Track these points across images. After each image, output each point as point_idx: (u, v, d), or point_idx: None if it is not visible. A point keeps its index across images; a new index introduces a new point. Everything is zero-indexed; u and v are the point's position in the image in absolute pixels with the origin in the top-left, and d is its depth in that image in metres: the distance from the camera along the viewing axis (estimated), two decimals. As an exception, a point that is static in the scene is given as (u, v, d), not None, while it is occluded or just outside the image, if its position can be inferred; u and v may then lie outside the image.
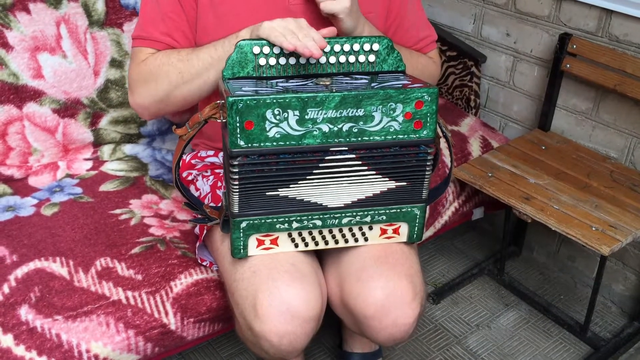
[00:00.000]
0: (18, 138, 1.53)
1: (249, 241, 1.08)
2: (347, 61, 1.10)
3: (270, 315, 1.04)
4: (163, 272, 1.28)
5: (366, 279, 1.11)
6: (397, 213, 1.11)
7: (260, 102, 0.95)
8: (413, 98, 1.00)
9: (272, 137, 0.98)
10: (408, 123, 1.01)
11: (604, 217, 1.48)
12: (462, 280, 1.89)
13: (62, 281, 1.23)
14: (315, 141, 0.99)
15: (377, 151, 1.03)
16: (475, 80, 1.94)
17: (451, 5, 2.02)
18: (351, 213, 1.08)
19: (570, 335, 1.72)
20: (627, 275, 1.78)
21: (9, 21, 1.48)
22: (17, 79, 1.50)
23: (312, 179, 1.03)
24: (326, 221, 1.08)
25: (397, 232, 1.14)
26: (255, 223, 1.06)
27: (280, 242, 1.10)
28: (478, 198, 1.77)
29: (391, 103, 0.99)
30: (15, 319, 1.15)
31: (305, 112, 0.97)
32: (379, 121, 1.01)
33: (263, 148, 0.98)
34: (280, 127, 0.97)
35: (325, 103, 0.97)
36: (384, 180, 1.06)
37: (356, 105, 0.98)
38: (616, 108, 1.69)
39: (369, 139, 1.01)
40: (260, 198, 1.03)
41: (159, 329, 1.22)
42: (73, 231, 1.36)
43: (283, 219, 1.06)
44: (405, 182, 1.08)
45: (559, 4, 1.73)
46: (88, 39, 1.57)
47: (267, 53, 1.06)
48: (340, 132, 1.00)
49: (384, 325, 1.11)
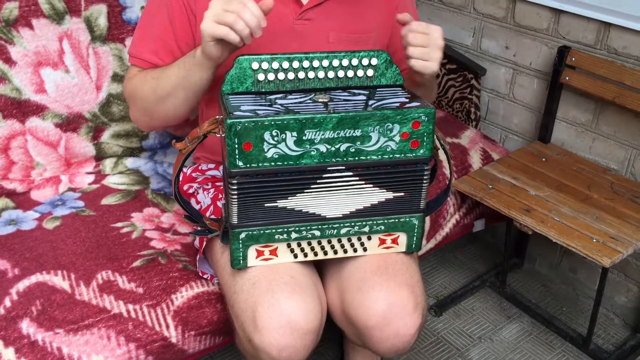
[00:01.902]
0: (21, 152, 1.54)
1: (248, 252, 1.08)
2: (345, 76, 1.11)
3: (270, 328, 1.04)
4: (164, 285, 1.28)
5: (367, 289, 1.11)
6: (395, 223, 1.11)
7: (259, 124, 0.96)
8: (410, 118, 1.01)
9: (270, 158, 0.99)
10: (405, 142, 1.02)
11: (604, 229, 1.48)
12: (464, 293, 1.89)
13: (63, 294, 1.23)
14: (313, 161, 1.00)
15: (374, 169, 1.04)
16: (475, 92, 1.95)
17: (451, 18, 2.03)
18: (349, 223, 1.09)
19: (573, 347, 1.71)
20: (629, 287, 1.78)
21: (12, 37, 1.49)
22: (20, 94, 1.51)
23: (310, 191, 1.04)
24: (325, 231, 1.08)
25: (395, 242, 1.14)
26: (254, 234, 1.06)
27: (279, 252, 1.10)
28: (479, 210, 1.77)
29: (388, 124, 1.00)
30: (17, 333, 1.15)
31: (303, 134, 0.98)
32: (376, 141, 1.01)
33: (261, 168, 0.99)
34: (278, 147, 0.98)
35: (323, 124, 0.98)
36: (381, 192, 1.07)
37: (353, 126, 0.99)
38: (616, 120, 1.70)
39: (366, 159, 1.02)
40: (258, 209, 1.04)
41: (159, 342, 1.22)
42: (75, 244, 1.37)
43: (282, 230, 1.06)
44: (402, 192, 1.08)
45: (558, 17, 1.74)
46: (90, 53, 1.58)
47: (266, 69, 1.07)
48: (338, 152, 1.01)
49: (386, 336, 1.11)
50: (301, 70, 1.08)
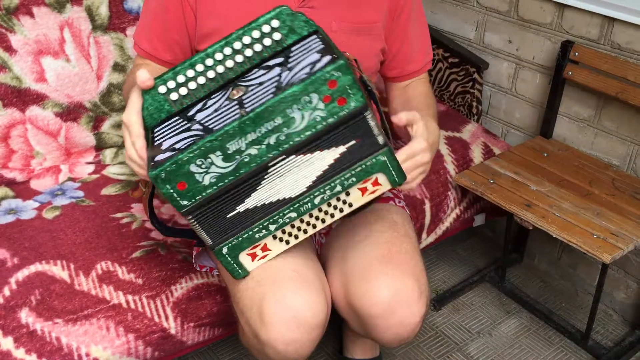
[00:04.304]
0: (21, 141, 1.53)
1: (240, 260, 1.07)
2: (254, 52, 1.01)
3: (277, 323, 1.04)
4: (164, 276, 1.28)
5: (371, 278, 1.10)
6: (364, 169, 1.02)
7: (180, 163, 0.93)
8: (322, 82, 0.93)
9: (210, 184, 0.96)
10: (331, 105, 0.95)
11: (605, 225, 1.48)
12: (463, 287, 1.89)
13: (62, 284, 1.23)
14: (250, 167, 0.96)
15: (314, 143, 0.99)
16: (477, 87, 1.94)
17: (454, 12, 2.02)
18: (319, 191, 1.02)
19: (572, 343, 1.71)
20: (628, 284, 1.78)
21: (12, 25, 1.48)
22: (20, 83, 1.51)
23: (262, 186, 1.00)
24: (299, 210, 1.03)
25: (377, 184, 1.05)
26: (234, 244, 1.04)
27: (270, 246, 1.07)
28: (479, 205, 1.77)
29: (302, 97, 0.93)
30: (16, 322, 1.15)
31: (226, 149, 0.94)
32: (302, 118, 0.95)
33: (207, 197, 0.97)
34: (210, 172, 0.95)
35: (239, 133, 0.93)
36: (331, 151, 0.99)
37: (270, 117, 0.93)
38: (618, 115, 1.69)
39: (301, 138, 0.96)
40: (224, 222, 1.02)
41: (159, 333, 1.22)
42: (74, 234, 1.37)
43: (258, 228, 1.04)
44: (353, 140, 1.00)
45: (562, 11, 1.73)
46: (91, 43, 1.57)
47: (174, 87, 1.00)
48: (270, 147, 0.96)
49: (390, 325, 1.10)
50: (209, 70, 1.01)
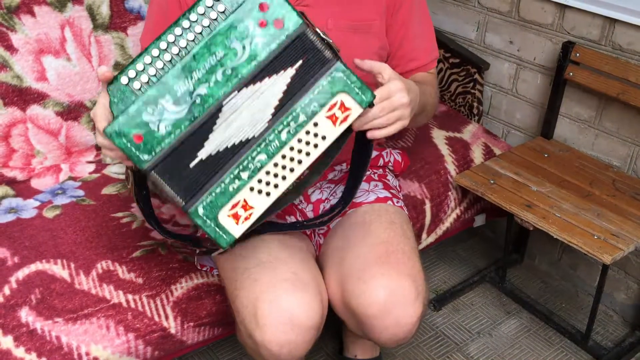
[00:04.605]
0: (21, 140, 1.53)
1: (222, 222, 0.97)
2: (203, 27, 0.96)
3: (271, 325, 1.04)
4: (164, 275, 1.28)
5: (368, 278, 1.11)
6: (321, 91, 0.97)
7: (131, 114, 0.92)
8: (252, 6, 0.92)
9: (166, 133, 0.93)
10: (268, 29, 0.93)
11: (606, 226, 1.48)
12: (464, 288, 1.89)
13: (63, 283, 1.23)
14: (204, 107, 0.94)
15: (261, 72, 0.95)
16: (478, 87, 1.94)
17: (455, 12, 2.02)
18: (282, 125, 0.97)
19: (572, 344, 1.71)
20: (629, 284, 1.78)
21: (13, 24, 1.48)
22: (21, 82, 1.51)
23: (219, 126, 0.95)
24: (268, 150, 0.97)
25: (344, 109, 0.98)
26: (210, 201, 0.96)
27: (250, 202, 0.98)
28: (480, 205, 1.77)
29: (237, 26, 0.92)
30: (16, 321, 1.15)
31: (174, 92, 0.92)
32: (242, 49, 0.93)
33: (167, 146, 0.93)
34: (164, 119, 0.93)
35: (183, 73, 0.92)
36: (281, 75, 0.96)
37: (210, 52, 0.92)
38: (619, 116, 1.69)
39: (249, 70, 0.94)
40: (189, 174, 0.96)
41: (159, 333, 1.22)
42: (74, 234, 1.37)
43: (229, 178, 0.96)
44: (299, 60, 0.96)
45: (563, 12, 1.73)
46: (92, 42, 1.57)
47: (134, 76, 0.96)
48: (218, 83, 0.93)
49: (387, 325, 1.10)
50: (165, 53, 0.96)
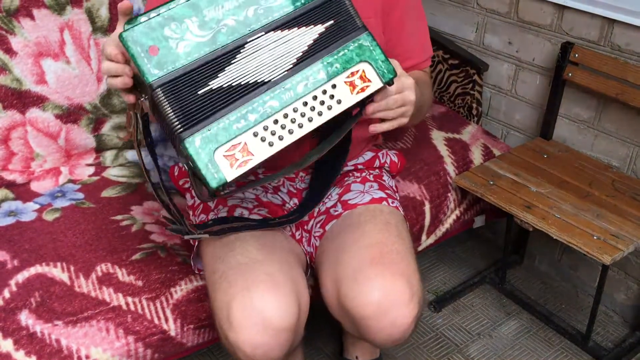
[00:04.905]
0: (21, 143, 1.54)
1: (217, 160, 0.92)
2: None
3: (243, 326, 1.04)
4: (163, 278, 1.28)
5: (363, 279, 1.11)
6: (346, 54, 0.99)
7: (153, 24, 0.89)
8: None
9: (184, 53, 0.91)
10: None
11: (605, 226, 1.48)
12: (464, 289, 1.89)
13: (62, 286, 1.23)
14: (228, 39, 0.93)
15: (292, 20, 0.96)
16: (477, 88, 1.94)
17: (454, 13, 2.02)
18: (300, 77, 0.97)
19: (572, 344, 1.71)
20: (629, 285, 1.78)
21: (12, 27, 1.48)
22: (20, 85, 1.51)
23: (238, 61, 0.94)
24: (281, 97, 0.96)
25: (366, 79, 1.00)
26: (209, 134, 0.92)
27: (251, 148, 0.94)
28: (479, 206, 1.77)
29: None
30: (16, 324, 1.15)
31: (202, 15, 0.91)
32: None
33: (180, 67, 0.91)
34: (185, 39, 0.91)
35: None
36: (309, 29, 0.98)
37: None
38: (618, 117, 1.69)
39: (280, 15, 0.95)
40: (195, 101, 0.92)
41: (158, 335, 1.22)
42: (74, 237, 1.37)
43: (235, 117, 0.93)
44: (331, 19, 0.99)
45: (561, 13, 1.73)
46: (91, 45, 1.57)
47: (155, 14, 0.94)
48: (248, 19, 0.94)
49: (382, 326, 1.10)
50: None
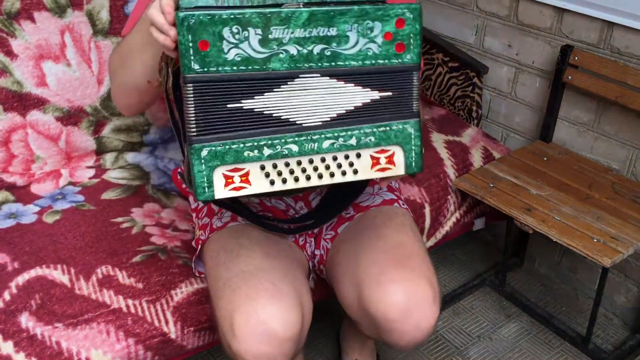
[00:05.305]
0: (21, 145, 1.54)
1: (214, 176, 0.90)
2: None
3: (247, 336, 1.03)
4: (164, 280, 1.28)
5: (386, 282, 1.10)
6: (386, 132, 0.95)
7: (216, 19, 0.84)
8: (393, 15, 0.90)
9: (232, 61, 0.86)
10: (389, 45, 0.91)
11: (605, 229, 1.48)
12: (464, 291, 1.89)
13: (63, 289, 1.23)
14: (282, 66, 0.88)
15: (354, 75, 0.92)
16: (477, 91, 1.95)
17: (453, 16, 2.03)
18: (332, 134, 0.93)
19: (572, 347, 1.71)
20: (629, 287, 1.78)
21: (13, 29, 1.49)
22: (21, 87, 1.51)
23: (281, 91, 0.90)
24: (303, 145, 0.92)
25: (391, 162, 0.97)
26: (218, 150, 0.89)
27: (252, 178, 0.92)
28: (479, 208, 1.77)
29: (368, 21, 0.89)
30: (16, 326, 1.15)
31: (268, 31, 0.86)
32: (355, 42, 0.90)
33: (221, 73, 0.86)
34: (240, 48, 0.86)
35: (291, 20, 0.86)
36: (365, 91, 0.93)
37: (327, 23, 0.88)
38: (618, 120, 1.69)
39: (345, 64, 0.90)
40: (220, 113, 0.88)
41: (159, 338, 1.22)
42: (74, 239, 1.37)
43: (251, 144, 0.90)
44: (390, 91, 0.94)
45: (561, 16, 1.74)
46: (92, 47, 1.58)
47: None
48: (311, 55, 0.89)
49: (407, 329, 1.10)
50: None
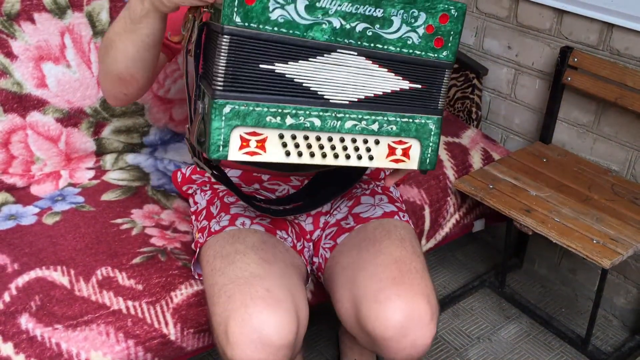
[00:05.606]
0: (21, 147, 1.54)
1: (231, 136, 0.89)
2: None
3: (241, 343, 1.03)
4: (164, 282, 1.28)
5: (384, 300, 1.09)
6: (409, 124, 0.97)
7: None
8: (440, 9, 0.92)
9: (274, 21, 0.86)
10: (428, 38, 0.93)
11: (605, 230, 1.48)
12: (463, 293, 1.89)
13: (62, 290, 1.23)
14: (323, 37, 0.89)
15: (389, 60, 0.94)
16: (476, 92, 1.95)
17: (453, 17, 2.03)
18: (356, 115, 0.94)
19: (572, 348, 1.71)
20: (628, 289, 1.78)
21: (13, 31, 1.49)
22: (21, 88, 1.51)
23: (315, 62, 0.90)
24: (326, 121, 0.93)
25: (406, 155, 0.99)
26: (241, 110, 0.88)
27: (268, 145, 0.91)
28: (479, 210, 1.77)
29: (414, 9, 0.91)
30: (16, 328, 1.15)
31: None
32: (398, 28, 0.92)
33: (262, 32, 0.86)
34: (285, 9, 0.86)
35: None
36: (396, 79, 0.95)
37: (376, 2, 0.89)
38: (617, 121, 1.70)
39: (383, 48, 0.92)
40: (252, 72, 0.88)
41: (158, 339, 1.22)
42: (74, 240, 1.37)
43: (275, 110, 0.90)
44: (420, 84, 0.96)
45: (561, 17, 1.74)
46: (92, 48, 1.58)
47: None
48: (353, 32, 0.90)
49: (403, 347, 1.10)
50: None
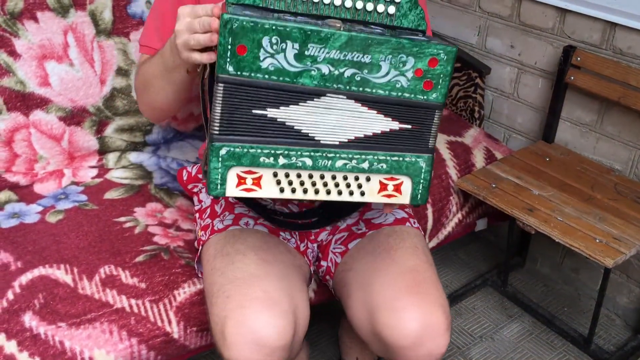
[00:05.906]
0: (24, 145, 1.54)
1: (228, 175, 0.94)
2: (364, 8, 0.98)
3: (237, 344, 1.02)
4: (167, 280, 1.29)
5: (400, 309, 1.09)
6: (399, 162, 0.98)
7: (258, 27, 0.87)
8: (428, 54, 0.92)
9: (265, 69, 0.89)
10: (417, 81, 0.93)
11: (607, 230, 1.48)
12: (466, 292, 1.89)
13: (66, 288, 1.24)
14: (312, 82, 0.91)
15: (379, 103, 0.95)
16: (479, 91, 1.95)
17: (456, 16, 2.03)
18: (346, 155, 0.96)
19: (574, 347, 1.71)
20: (631, 288, 1.78)
21: (16, 29, 1.49)
22: (24, 87, 1.51)
23: (306, 106, 0.93)
24: (317, 161, 0.96)
25: (398, 190, 1.00)
26: (237, 152, 0.93)
27: (263, 183, 0.96)
28: (482, 209, 1.77)
29: (402, 55, 0.92)
30: (19, 326, 1.15)
31: (305, 47, 0.89)
32: (386, 73, 0.93)
33: (253, 79, 0.90)
34: (275, 58, 0.89)
35: (329, 41, 0.89)
36: (386, 120, 0.96)
37: (363, 49, 0.90)
38: (620, 120, 1.69)
39: (371, 92, 0.93)
40: (245, 117, 0.92)
41: (162, 338, 1.22)
42: (77, 238, 1.37)
43: (269, 151, 0.94)
44: (410, 124, 0.97)
45: (563, 16, 1.74)
46: (95, 47, 1.58)
47: None
48: (341, 77, 0.92)
49: (419, 356, 1.09)
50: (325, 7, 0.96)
